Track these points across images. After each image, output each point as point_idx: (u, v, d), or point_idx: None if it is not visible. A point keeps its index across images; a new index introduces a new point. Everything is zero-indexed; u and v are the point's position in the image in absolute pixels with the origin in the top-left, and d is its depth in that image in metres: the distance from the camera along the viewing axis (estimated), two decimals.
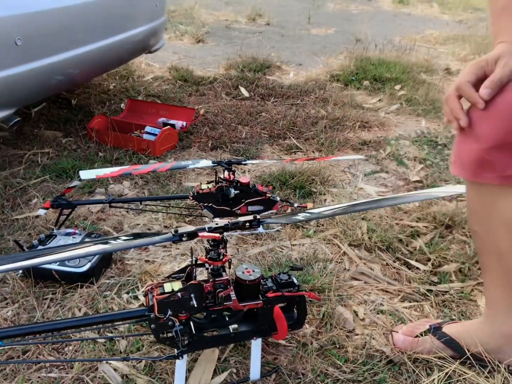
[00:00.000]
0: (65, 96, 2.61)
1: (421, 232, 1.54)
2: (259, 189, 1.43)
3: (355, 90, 3.02)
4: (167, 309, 0.90)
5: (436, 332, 1.10)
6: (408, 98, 2.81)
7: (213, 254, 0.94)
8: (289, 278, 1.01)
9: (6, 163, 1.92)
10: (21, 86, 1.60)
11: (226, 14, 5.34)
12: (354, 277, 1.36)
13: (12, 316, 1.17)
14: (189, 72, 3.12)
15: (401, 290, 1.30)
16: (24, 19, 1.53)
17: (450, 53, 3.91)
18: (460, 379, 1.03)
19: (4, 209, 1.61)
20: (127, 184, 1.81)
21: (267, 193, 1.43)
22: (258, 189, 1.43)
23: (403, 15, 5.88)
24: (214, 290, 0.93)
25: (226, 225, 0.92)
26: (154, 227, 1.55)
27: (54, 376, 1.01)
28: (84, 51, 1.81)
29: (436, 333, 1.10)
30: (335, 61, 3.64)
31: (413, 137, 2.34)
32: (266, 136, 2.28)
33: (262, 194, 1.43)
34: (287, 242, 1.50)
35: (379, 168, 2.02)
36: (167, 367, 1.04)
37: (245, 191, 1.41)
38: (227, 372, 1.03)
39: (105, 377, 1.02)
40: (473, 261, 1.41)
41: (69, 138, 2.17)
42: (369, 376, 1.03)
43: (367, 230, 1.51)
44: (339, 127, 2.38)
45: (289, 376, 1.03)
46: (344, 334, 1.15)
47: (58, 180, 1.82)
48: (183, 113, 2.30)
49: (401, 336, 1.12)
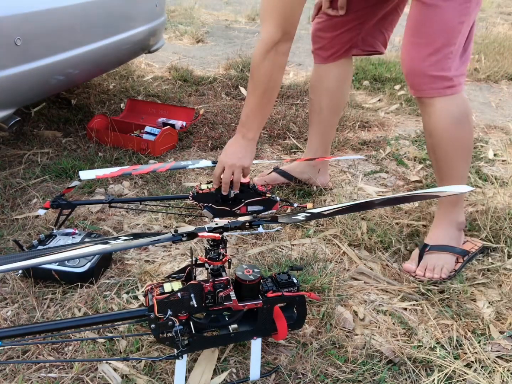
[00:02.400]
0: (65, 96, 2.61)
1: (421, 231, 1.53)
2: (259, 189, 1.43)
3: (355, 90, 3.02)
4: (167, 309, 0.90)
5: (276, 170, 1.81)
6: (408, 98, 2.81)
7: (213, 254, 0.94)
8: (289, 278, 1.01)
9: (6, 163, 1.92)
10: (21, 86, 1.60)
11: (226, 14, 5.33)
12: (354, 277, 1.36)
13: (12, 316, 1.17)
14: (189, 72, 3.12)
15: (401, 290, 1.30)
16: (24, 19, 1.52)
17: None
18: (460, 379, 1.03)
19: (4, 209, 1.61)
20: (127, 184, 1.81)
21: (266, 193, 1.43)
22: (258, 189, 1.43)
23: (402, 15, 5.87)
24: (214, 290, 0.93)
25: (226, 225, 0.92)
26: (154, 227, 1.55)
27: (54, 376, 1.01)
28: (84, 51, 1.81)
29: (277, 170, 1.81)
30: None
31: (413, 137, 2.34)
32: (266, 136, 2.28)
33: (262, 194, 1.43)
34: (287, 242, 1.50)
35: (379, 168, 2.02)
36: (167, 367, 1.04)
37: (245, 191, 1.41)
38: (227, 372, 1.03)
39: (105, 377, 1.02)
40: (473, 260, 1.42)
41: (69, 138, 2.17)
42: (369, 376, 1.03)
43: (367, 230, 1.51)
44: (339, 127, 2.38)
45: (289, 376, 1.03)
46: (344, 334, 1.15)
47: (58, 180, 1.82)
48: (182, 113, 2.30)
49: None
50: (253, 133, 1.36)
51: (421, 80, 1.29)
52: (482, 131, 2.44)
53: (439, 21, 1.24)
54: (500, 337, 1.15)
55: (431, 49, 1.25)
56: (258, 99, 1.33)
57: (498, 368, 1.05)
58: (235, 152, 1.35)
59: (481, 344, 1.12)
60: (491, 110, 2.79)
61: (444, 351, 1.10)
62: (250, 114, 1.35)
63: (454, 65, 1.27)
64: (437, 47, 1.25)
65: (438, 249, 1.37)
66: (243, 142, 1.36)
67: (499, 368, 1.05)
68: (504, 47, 3.74)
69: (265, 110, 1.38)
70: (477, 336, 1.15)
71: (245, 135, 1.36)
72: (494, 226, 1.52)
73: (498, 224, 1.52)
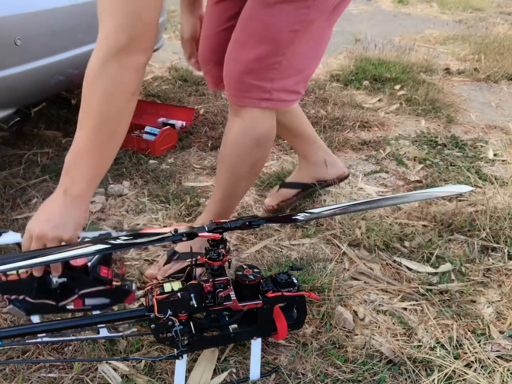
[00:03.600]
0: (65, 96, 2.61)
1: (420, 231, 1.54)
2: (101, 275, 0.98)
3: (354, 90, 3.02)
4: (167, 309, 0.90)
5: (282, 185, 1.68)
6: (408, 98, 2.81)
7: (213, 254, 0.94)
8: (288, 278, 1.01)
9: (6, 163, 1.92)
10: (21, 86, 1.60)
11: None
12: (354, 277, 1.36)
13: (12, 316, 1.17)
14: (188, 72, 3.12)
15: (401, 290, 1.30)
16: (24, 19, 1.52)
17: (450, 53, 3.91)
18: (460, 379, 1.03)
19: (4, 209, 1.60)
20: (127, 184, 1.81)
21: (113, 281, 0.98)
22: (101, 274, 0.98)
23: (402, 15, 5.88)
24: (214, 290, 0.93)
25: (226, 225, 0.92)
26: (154, 227, 1.55)
27: (54, 376, 1.01)
28: (84, 51, 1.81)
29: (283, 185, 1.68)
30: (335, 61, 3.64)
31: (413, 137, 2.34)
32: None
33: (106, 282, 0.98)
34: (287, 242, 1.50)
35: (379, 168, 2.02)
36: (167, 367, 1.04)
37: (78, 278, 0.96)
38: (227, 372, 1.03)
39: (105, 377, 1.02)
40: (473, 261, 1.42)
41: (68, 138, 2.17)
42: (368, 376, 1.03)
43: (367, 230, 1.51)
44: (339, 127, 2.38)
45: (289, 376, 1.03)
46: (344, 334, 1.15)
47: (58, 180, 1.80)
48: (182, 113, 2.30)
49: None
50: (80, 187, 0.91)
51: (238, 85, 1.15)
52: (482, 131, 2.44)
53: (268, 23, 1.05)
54: (500, 337, 1.15)
55: (254, 54, 1.09)
56: (91, 134, 0.91)
57: (498, 368, 1.05)
58: (49, 217, 0.89)
59: (481, 344, 1.12)
60: (491, 110, 2.79)
61: (444, 351, 1.10)
62: (77, 157, 0.92)
63: (278, 77, 1.10)
64: (261, 53, 1.08)
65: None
66: (63, 200, 0.91)
67: (499, 368, 1.05)
68: (504, 47, 3.74)
69: (102, 152, 0.93)
70: (477, 336, 1.15)
71: (68, 190, 0.91)
72: (494, 226, 1.52)
73: (498, 224, 1.52)
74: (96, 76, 0.88)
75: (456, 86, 3.20)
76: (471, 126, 2.51)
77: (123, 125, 0.96)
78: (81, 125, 0.92)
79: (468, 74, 3.39)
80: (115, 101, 0.90)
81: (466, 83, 3.26)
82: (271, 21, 1.04)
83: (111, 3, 0.87)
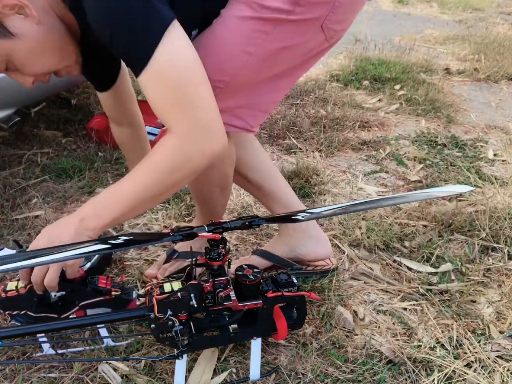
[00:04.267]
0: (65, 96, 2.61)
1: (420, 231, 1.54)
2: (100, 286, 1.00)
3: (354, 90, 3.02)
4: (167, 309, 0.90)
5: (255, 252, 1.35)
6: (408, 98, 2.81)
7: (213, 254, 0.94)
8: (288, 278, 1.01)
9: (6, 163, 1.92)
10: (21, 86, 1.60)
11: None
12: (354, 277, 1.36)
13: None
14: None
15: (401, 290, 1.30)
16: None
17: (450, 53, 3.91)
18: (460, 379, 1.03)
19: (4, 209, 1.60)
20: None
21: (112, 291, 1.01)
22: (99, 285, 1.00)
23: (402, 15, 5.88)
24: (213, 290, 0.93)
25: (226, 224, 0.92)
26: (154, 227, 1.55)
27: (54, 376, 1.01)
28: None
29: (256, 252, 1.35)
30: (335, 61, 3.64)
31: (413, 137, 2.34)
32: (266, 136, 2.28)
33: (105, 292, 1.01)
34: None
35: (379, 168, 2.02)
36: (167, 367, 1.04)
37: (77, 290, 1.00)
38: (227, 372, 1.03)
39: (105, 377, 1.01)
40: (473, 261, 1.42)
41: (68, 138, 2.17)
42: (369, 376, 1.03)
43: (367, 230, 1.51)
44: (339, 127, 2.38)
45: (289, 376, 1.03)
46: (344, 334, 1.15)
47: (58, 180, 1.82)
48: None
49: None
50: (102, 222, 0.89)
51: None
52: (482, 131, 2.44)
53: (220, 36, 0.95)
54: (500, 337, 1.15)
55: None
56: (149, 187, 0.89)
57: (498, 368, 1.05)
58: (57, 237, 0.88)
59: (481, 344, 1.12)
60: (491, 110, 2.79)
61: (444, 351, 1.10)
62: (118, 195, 0.90)
63: (219, 98, 0.92)
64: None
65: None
66: (77, 229, 0.88)
67: (499, 368, 1.05)
68: (504, 47, 3.74)
69: (145, 206, 0.94)
70: (477, 336, 1.15)
71: (86, 220, 0.88)
72: (494, 226, 1.52)
73: (498, 224, 1.52)
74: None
75: (456, 86, 3.20)
76: (471, 126, 2.51)
77: (170, 195, 0.99)
78: (142, 172, 0.90)
79: (468, 74, 3.39)
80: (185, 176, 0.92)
81: (466, 83, 3.27)
82: (225, 34, 0.96)
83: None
